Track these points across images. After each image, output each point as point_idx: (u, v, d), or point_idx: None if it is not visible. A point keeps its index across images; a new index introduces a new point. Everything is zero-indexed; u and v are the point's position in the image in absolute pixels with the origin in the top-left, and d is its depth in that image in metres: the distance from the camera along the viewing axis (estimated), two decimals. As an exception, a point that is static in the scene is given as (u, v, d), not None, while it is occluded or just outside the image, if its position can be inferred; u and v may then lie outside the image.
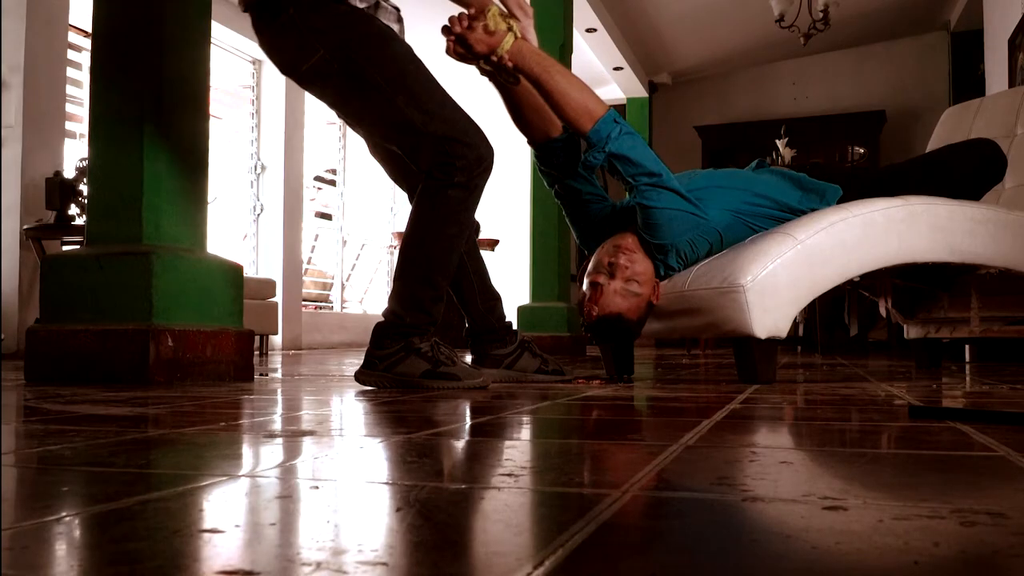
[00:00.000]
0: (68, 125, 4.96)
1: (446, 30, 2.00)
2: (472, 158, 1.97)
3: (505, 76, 2.08)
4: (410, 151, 2.02)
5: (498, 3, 2.03)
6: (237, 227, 6.77)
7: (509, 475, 0.73)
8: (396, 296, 1.96)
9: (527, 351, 2.24)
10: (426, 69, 2.06)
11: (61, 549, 0.51)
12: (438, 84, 2.05)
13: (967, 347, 4.10)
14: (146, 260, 2.18)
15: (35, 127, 4.65)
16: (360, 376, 1.94)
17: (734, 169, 2.39)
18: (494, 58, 2.01)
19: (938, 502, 0.61)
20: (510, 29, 1.99)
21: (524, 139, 2.34)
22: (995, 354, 3.99)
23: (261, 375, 2.62)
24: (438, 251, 1.97)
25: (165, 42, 2.32)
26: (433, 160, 1.96)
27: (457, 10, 2.02)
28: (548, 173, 2.33)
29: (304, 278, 7.48)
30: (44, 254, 4.29)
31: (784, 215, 2.20)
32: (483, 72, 2.11)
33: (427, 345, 1.92)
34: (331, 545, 0.50)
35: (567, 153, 2.27)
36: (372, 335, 1.96)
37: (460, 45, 2.01)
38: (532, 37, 2.08)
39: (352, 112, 2.13)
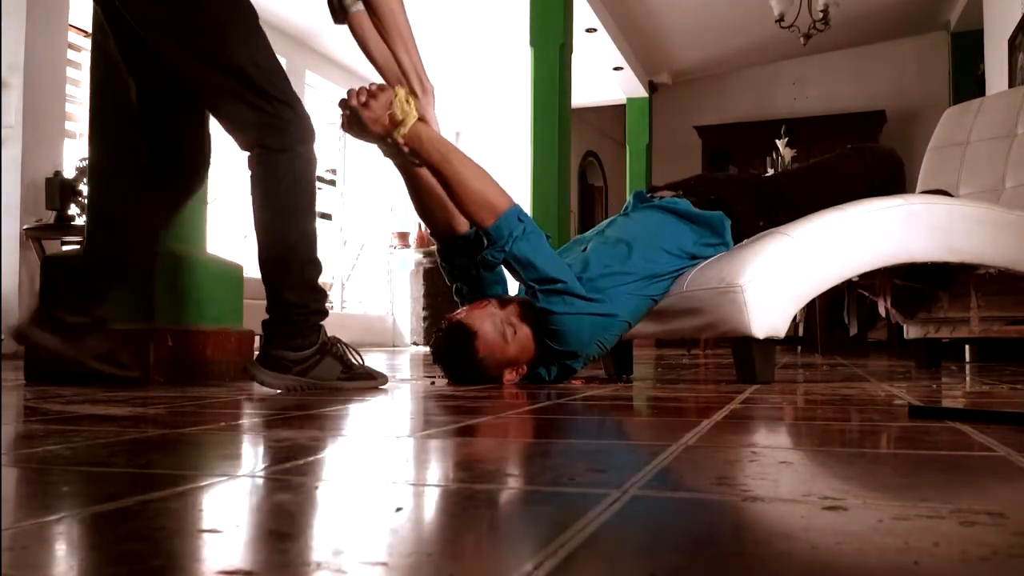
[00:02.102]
0: (68, 125, 4.96)
1: (343, 103, 1.89)
2: (308, 128, 1.85)
3: (404, 158, 1.95)
4: (235, 114, 1.81)
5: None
6: (237, 227, 6.76)
7: (509, 475, 0.73)
8: (288, 286, 1.81)
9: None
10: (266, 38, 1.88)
11: (61, 549, 0.51)
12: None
13: (967, 347, 4.10)
14: (145, 260, 2.18)
15: (35, 127, 4.65)
16: (266, 379, 1.79)
17: (623, 222, 2.22)
18: (389, 140, 1.88)
19: (938, 502, 0.61)
20: (412, 110, 1.87)
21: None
22: (995, 354, 3.99)
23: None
24: (306, 226, 1.83)
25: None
26: (264, 125, 1.79)
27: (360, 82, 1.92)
28: (449, 271, 2.17)
29: (304, 278, 7.47)
30: (44, 254, 4.29)
31: (681, 261, 2.11)
32: (382, 151, 1.98)
33: (340, 347, 1.84)
34: (331, 545, 0.50)
35: (471, 251, 2.07)
36: (274, 332, 1.81)
37: (353, 123, 1.88)
38: (431, 118, 1.95)
39: (173, 48, 1.82)
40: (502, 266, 2.01)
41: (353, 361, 1.87)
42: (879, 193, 2.23)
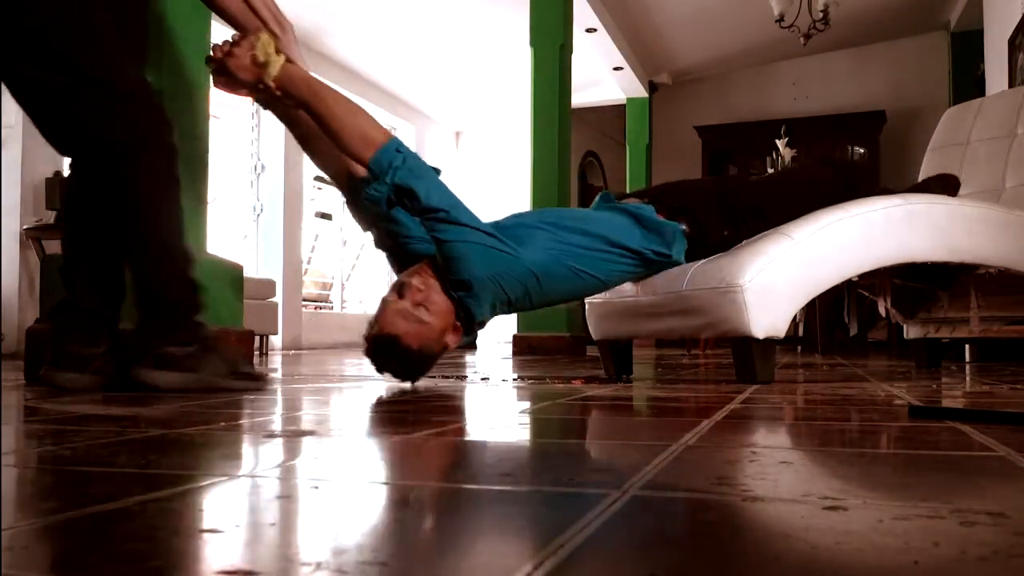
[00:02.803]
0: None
1: (208, 60, 1.86)
2: (166, 118, 1.79)
3: (279, 104, 1.92)
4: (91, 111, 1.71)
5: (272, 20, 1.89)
6: (237, 227, 6.77)
7: (509, 475, 0.73)
8: (162, 281, 1.75)
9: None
10: None
11: (61, 549, 0.51)
12: None
13: (967, 347, 4.10)
14: (146, 260, 2.17)
15: (34, 128, 4.65)
16: (156, 379, 1.71)
17: (571, 209, 2.23)
18: (260, 86, 1.85)
19: (938, 502, 0.61)
20: (278, 53, 1.84)
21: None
22: (995, 354, 3.99)
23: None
24: (172, 218, 1.77)
25: (165, 42, 2.32)
26: (122, 118, 1.71)
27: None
28: (360, 217, 2.08)
29: (304, 278, 7.48)
30: (44, 254, 4.29)
31: (621, 256, 2.06)
32: (257, 101, 1.95)
33: (222, 347, 1.78)
34: (331, 545, 0.50)
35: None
36: (155, 328, 1.74)
37: (221, 73, 1.84)
38: (295, 54, 1.91)
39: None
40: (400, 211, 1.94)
41: (237, 360, 1.82)
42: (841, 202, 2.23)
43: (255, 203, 6.82)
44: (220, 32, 6.54)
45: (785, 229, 2.08)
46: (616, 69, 8.21)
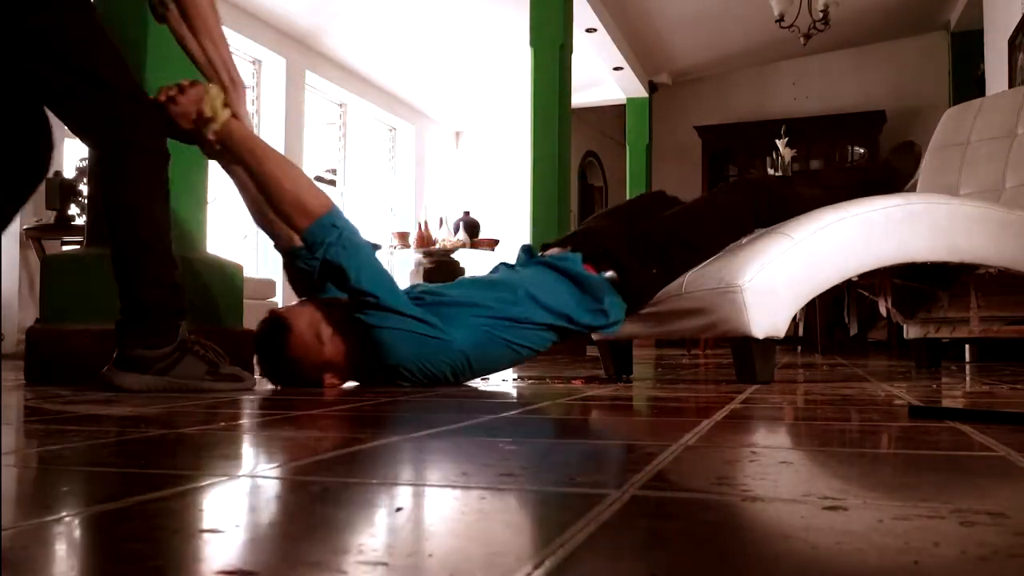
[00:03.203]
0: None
1: (154, 100, 1.83)
2: (155, 122, 1.78)
3: (222, 158, 1.90)
4: (81, 110, 1.73)
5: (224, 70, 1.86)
6: (237, 227, 6.76)
7: (509, 475, 0.73)
8: (144, 285, 1.74)
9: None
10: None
11: (61, 549, 0.51)
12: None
13: (967, 347, 4.10)
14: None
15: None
16: (125, 381, 1.71)
17: (500, 275, 2.16)
18: (200, 138, 1.83)
19: (938, 502, 0.61)
20: (225, 107, 1.82)
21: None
22: (995, 354, 3.99)
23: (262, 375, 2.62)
24: (159, 222, 1.76)
25: (165, 42, 2.32)
26: (110, 120, 1.72)
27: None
28: (295, 280, 2.02)
29: (304, 278, 7.47)
30: (44, 254, 4.29)
31: (555, 320, 2.02)
32: (206, 154, 1.93)
33: (201, 346, 1.77)
34: (331, 545, 0.50)
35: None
36: (130, 331, 1.73)
37: (166, 120, 1.81)
38: (243, 114, 1.88)
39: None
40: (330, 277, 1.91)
41: (218, 361, 1.80)
42: (769, 218, 2.20)
43: (255, 203, 6.81)
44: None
45: (785, 229, 2.08)
46: (616, 69, 8.21)
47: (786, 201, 2.24)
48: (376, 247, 1.95)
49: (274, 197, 1.85)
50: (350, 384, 1.96)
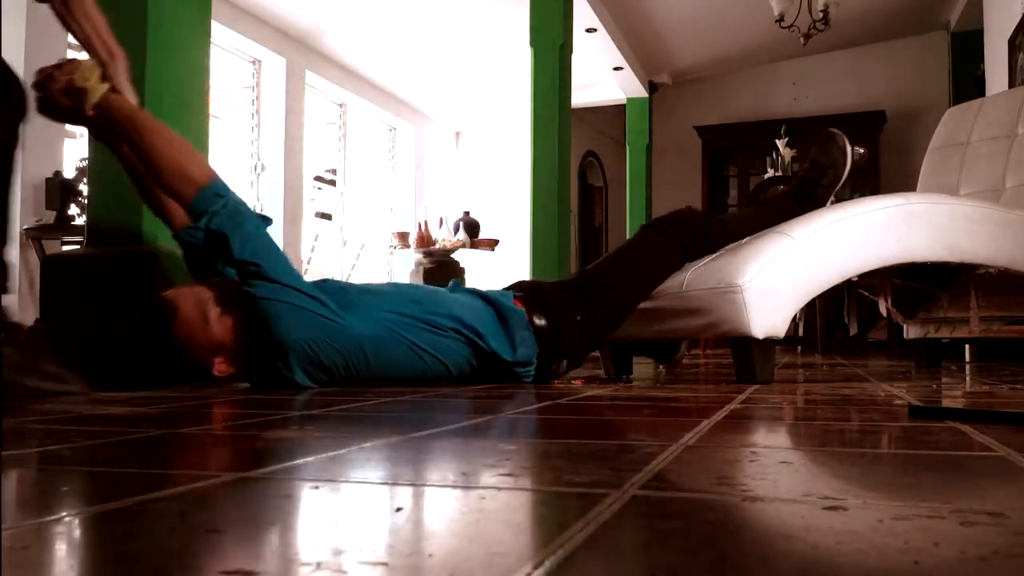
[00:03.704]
0: (68, 125, 4.95)
1: (32, 84, 1.77)
2: None
3: (104, 134, 1.84)
4: None
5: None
6: (237, 227, 6.77)
7: (509, 475, 0.73)
8: None
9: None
10: None
11: (61, 549, 0.51)
12: None
13: (967, 347, 4.10)
14: (146, 260, 2.18)
15: (35, 127, 4.64)
16: None
17: (424, 286, 2.09)
18: (80, 113, 1.78)
19: (938, 502, 0.61)
20: (102, 81, 1.77)
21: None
22: (995, 354, 3.99)
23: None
24: None
25: (165, 42, 2.32)
26: None
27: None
28: (191, 265, 1.94)
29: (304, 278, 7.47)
30: (44, 254, 4.29)
31: (469, 336, 1.94)
32: (90, 132, 1.86)
33: (31, 344, 1.68)
34: (331, 545, 0.50)
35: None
36: None
37: (44, 102, 1.76)
38: (125, 87, 1.83)
39: None
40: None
41: (48, 363, 1.69)
42: (695, 252, 2.18)
43: (255, 203, 6.81)
44: (220, 32, 6.48)
45: (785, 228, 2.08)
46: (616, 69, 8.21)
47: (709, 233, 2.21)
48: (266, 220, 1.88)
49: (157, 168, 1.79)
50: (243, 385, 1.87)
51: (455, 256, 7.22)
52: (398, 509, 0.61)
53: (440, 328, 1.92)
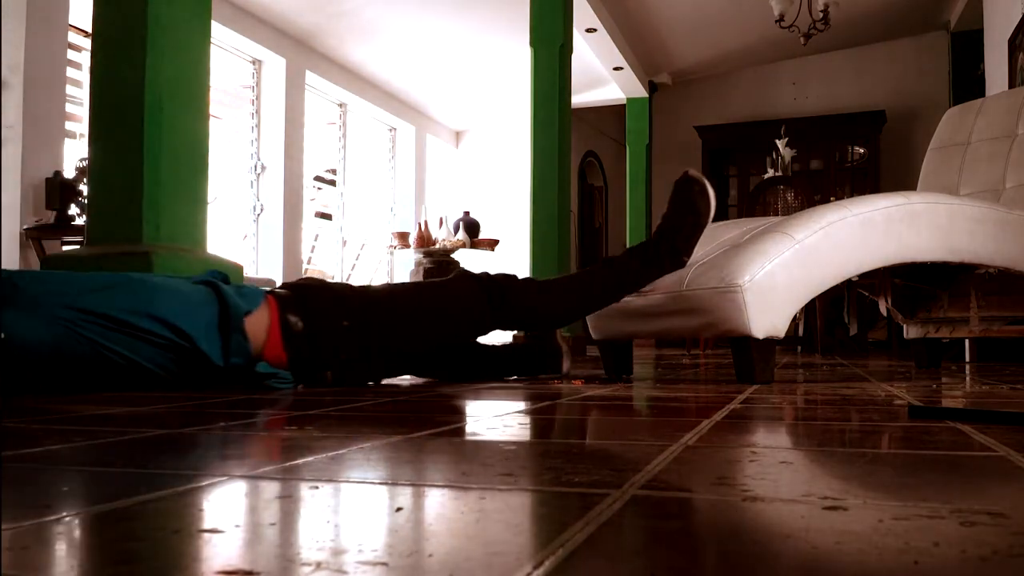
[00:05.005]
0: (68, 125, 4.96)
1: None
2: None
3: None
4: None
5: None
6: (237, 227, 6.77)
7: (509, 475, 0.73)
8: None
9: None
10: None
11: (61, 549, 0.51)
12: None
13: (967, 347, 4.10)
14: (146, 260, 2.18)
15: (35, 127, 4.65)
16: None
17: (143, 278, 1.78)
18: None
19: (938, 502, 0.61)
20: None
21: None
22: (995, 354, 3.99)
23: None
24: None
25: (165, 42, 2.32)
26: None
27: None
28: None
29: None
30: (44, 254, 4.29)
31: (175, 342, 1.70)
32: None
33: None
34: (331, 545, 0.50)
35: None
36: None
37: None
38: None
39: None
40: None
41: None
42: (505, 317, 2.05)
43: (255, 203, 6.82)
44: (220, 32, 6.50)
45: (786, 228, 2.08)
46: (616, 69, 8.21)
47: (507, 299, 2.05)
48: None
49: None
50: None
51: (455, 256, 7.22)
52: (398, 509, 0.61)
53: (135, 329, 1.67)
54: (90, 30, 2.42)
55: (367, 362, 1.97)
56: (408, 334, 2.00)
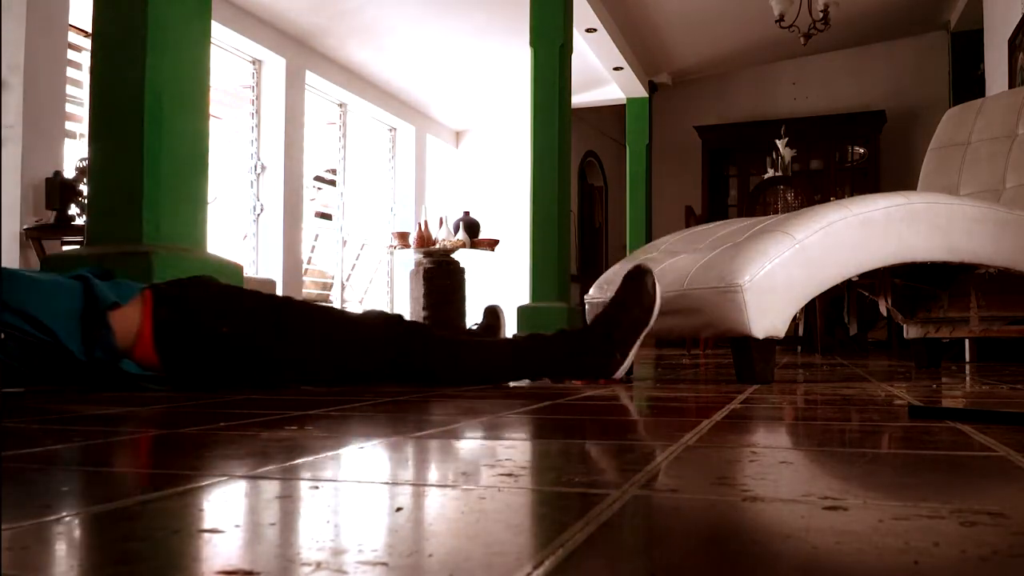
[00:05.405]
0: (68, 125, 4.96)
1: None
2: None
3: None
4: None
5: None
6: (237, 227, 6.76)
7: (509, 475, 0.73)
8: None
9: None
10: None
11: (61, 549, 0.51)
12: None
13: (967, 347, 4.10)
14: (146, 260, 2.18)
15: (35, 127, 4.65)
16: None
17: (27, 273, 1.72)
18: None
19: (938, 502, 0.61)
20: None
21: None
22: (995, 354, 3.99)
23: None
24: None
25: (165, 42, 2.32)
26: None
27: None
28: None
29: (304, 278, 7.48)
30: (44, 254, 4.29)
31: (38, 337, 1.62)
32: None
33: None
34: (331, 545, 0.50)
35: None
36: None
37: None
38: None
39: None
40: None
41: None
42: (422, 367, 1.88)
43: (255, 203, 6.81)
44: (220, 32, 6.50)
45: (786, 228, 2.08)
46: (616, 69, 8.21)
47: (429, 359, 1.89)
48: None
49: None
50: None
51: (455, 256, 7.22)
52: (398, 509, 0.61)
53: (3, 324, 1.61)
54: (90, 30, 2.42)
55: (243, 373, 1.83)
56: (295, 356, 1.84)
